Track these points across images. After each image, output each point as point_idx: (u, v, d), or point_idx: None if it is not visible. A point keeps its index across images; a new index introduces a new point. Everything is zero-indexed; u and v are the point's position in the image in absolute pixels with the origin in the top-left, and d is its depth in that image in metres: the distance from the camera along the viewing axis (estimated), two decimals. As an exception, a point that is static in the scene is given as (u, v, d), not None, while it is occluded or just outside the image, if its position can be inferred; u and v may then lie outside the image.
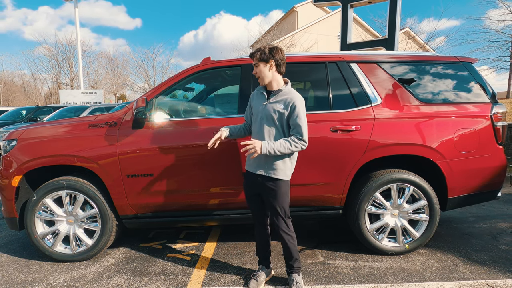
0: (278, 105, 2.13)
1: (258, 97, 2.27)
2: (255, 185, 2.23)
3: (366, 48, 8.42)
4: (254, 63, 2.18)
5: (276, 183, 2.16)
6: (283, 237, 2.25)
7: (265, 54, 2.13)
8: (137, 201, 2.71)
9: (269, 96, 2.21)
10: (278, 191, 2.17)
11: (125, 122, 2.71)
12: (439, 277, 2.44)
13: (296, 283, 2.27)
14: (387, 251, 2.77)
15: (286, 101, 2.11)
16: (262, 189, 2.20)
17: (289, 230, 2.25)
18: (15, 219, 2.76)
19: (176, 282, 2.43)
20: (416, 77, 2.87)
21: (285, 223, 2.23)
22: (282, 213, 2.21)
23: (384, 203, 2.73)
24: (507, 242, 3.06)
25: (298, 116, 2.09)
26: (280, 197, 2.18)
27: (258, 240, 2.42)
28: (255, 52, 2.17)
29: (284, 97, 2.14)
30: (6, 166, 2.71)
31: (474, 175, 2.81)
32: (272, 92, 2.20)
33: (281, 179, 2.17)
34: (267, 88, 2.23)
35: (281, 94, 2.16)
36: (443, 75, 2.90)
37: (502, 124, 2.83)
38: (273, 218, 2.24)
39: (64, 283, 2.45)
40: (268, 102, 2.18)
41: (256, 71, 2.18)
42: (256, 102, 2.27)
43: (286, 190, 2.21)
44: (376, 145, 2.65)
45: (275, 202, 2.18)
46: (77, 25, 17.40)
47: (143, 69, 30.75)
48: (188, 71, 2.85)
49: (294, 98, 2.11)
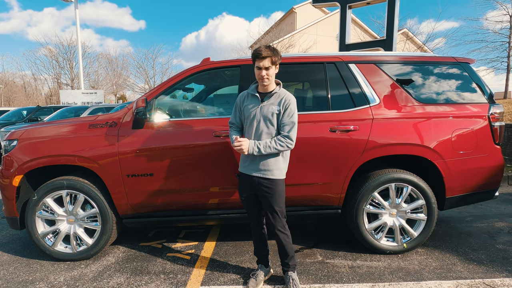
0: (274, 107, 2.15)
1: (250, 99, 2.24)
2: (251, 185, 2.24)
3: (364, 49, 8.46)
4: (266, 66, 2.08)
5: (272, 182, 2.17)
6: (278, 236, 2.26)
7: (278, 57, 2.11)
8: (137, 200, 2.72)
9: (263, 98, 2.19)
10: (275, 190, 2.18)
11: (125, 122, 2.73)
12: (437, 276, 2.45)
13: (293, 281, 2.28)
14: (385, 250, 2.79)
15: (281, 102, 2.14)
16: (259, 189, 2.21)
17: (284, 229, 2.27)
18: (16, 219, 2.77)
19: (176, 281, 2.45)
20: (414, 77, 2.89)
21: (281, 222, 2.25)
22: (279, 212, 2.22)
23: (382, 202, 2.75)
24: (504, 242, 3.08)
25: (293, 115, 2.13)
26: (277, 196, 2.19)
27: (255, 240, 2.44)
28: (271, 56, 2.07)
29: (279, 98, 2.16)
30: (7, 165, 2.73)
31: (472, 175, 2.83)
32: (267, 94, 2.19)
33: (277, 179, 2.18)
34: (262, 90, 2.21)
35: (276, 96, 2.18)
36: (441, 76, 2.92)
37: (499, 124, 2.85)
38: (269, 217, 2.25)
39: (64, 282, 2.46)
40: (263, 104, 2.17)
41: (268, 74, 2.10)
42: (248, 104, 2.23)
43: (282, 189, 2.23)
44: (374, 145, 2.67)
45: (273, 201, 2.20)
46: (78, 26, 17.42)
47: (143, 69, 30.82)
48: (187, 71, 2.87)
49: (289, 98, 2.15)
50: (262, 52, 2.06)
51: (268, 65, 2.08)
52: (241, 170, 2.30)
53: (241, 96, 2.32)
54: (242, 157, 2.29)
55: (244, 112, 2.26)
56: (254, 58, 2.13)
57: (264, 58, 2.07)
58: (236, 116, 2.34)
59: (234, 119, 2.36)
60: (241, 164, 2.31)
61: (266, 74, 2.10)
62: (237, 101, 2.34)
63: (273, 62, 2.10)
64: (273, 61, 2.09)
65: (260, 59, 2.08)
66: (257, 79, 2.19)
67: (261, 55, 2.06)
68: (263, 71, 2.09)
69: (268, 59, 2.07)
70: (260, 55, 2.07)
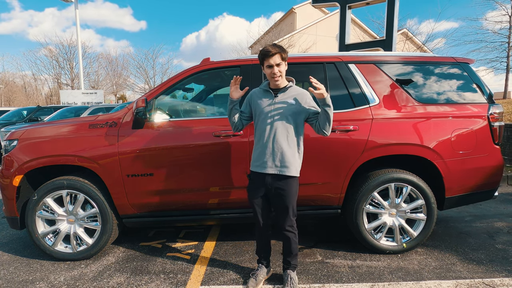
0: (290, 101, 2.17)
1: (262, 95, 2.24)
2: (263, 185, 2.20)
3: (364, 49, 8.47)
4: (277, 62, 2.11)
5: (288, 182, 2.15)
6: (287, 235, 2.25)
7: (286, 54, 2.16)
8: (137, 200, 2.73)
9: (276, 93, 2.20)
10: (290, 190, 2.16)
11: (125, 123, 2.73)
12: (436, 276, 2.46)
13: (291, 280, 2.28)
14: (385, 250, 2.80)
15: (297, 96, 2.18)
16: (272, 188, 2.18)
17: (293, 228, 2.26)
18: (16, 218, 2.78)
19: (176, 280, 2.46)
20: (413, 77, 2.89)
21: (291, 221, 2.24)
22: (291, 212, 2.21)
23: (382, 202, 2.76)
24: (503, 241, 3.08)
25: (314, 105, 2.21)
26: (292, 196, 2.18)
27: (259, 239, 2.41)
28: (279, 52, 2.10)
29: (295, 93, 2.19)
30: (7, 165, 2.73)
31: (471, 175, 2.83)
32: (280, 89, 2.20)
33: (293, 176, 2.16)
34: (274, 87, 2.22)
35: (290, 91, 2.20)
36: (440, 76, 2.93)
37: (499, 124, 2.86)
38: (279, 217, 2.23)
39: (64, 282, 2.47)
40: (277, 100, 2.18)
41: (280, 70, 2.13)
42: (260, 101, 2.23)
43: (297, 189, 2.22)
44: (374, 145, 2.68)
45: (286, 200, 2.17)
46: (78, 26, 17.44)
47: (143, 69, 30.85)
48: (187, 71, 2.88)
49: (304, 92, 2.21)
50: (271, 50, 2.09)
51: (279, 61, 2.11)
52: (253, 169, 2.24)
53: (252, 92, 2.32)
54: (254, 155, 2.24)
55: (256, 108, 2.25)
56: (263, 58, 2.14)
57: (274, 55, 2.09)
58: (246, 108, 2.34)
59: (245, 108, 2.36)
60: (253, 162, 2.25)
61: (278, 70, 2.12)
62: (248, 97, 2.34)
63: (282, 58, 2.12)
64: (282, 57, 2.12)
65: (269, 57, 2.10)
66: (268, 78, 2.21)
67: (270, 53, 2.09)
68: (274, 68, 2.11)
69: (278, 55, 2.10)
70: (269, 52, 2.09)
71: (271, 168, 2.16)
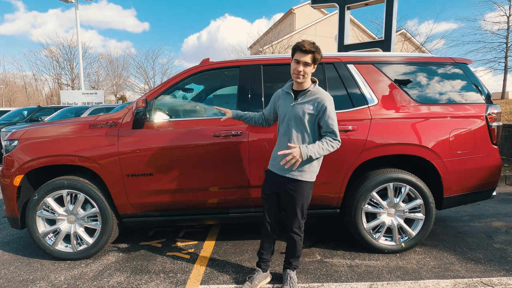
0: (307, 106, 2.07)
1: (284, 97, 2.20)
2: (276, 183, 2.20)
3: (363, 50, 8.49)
4: (307, 61, 1.98)
5: (300, 184, 2.13)
6: (293, 237, 2.24)
7: (320, 57, 2.02)
8: (137, 200, 2.74)
9: (296, 96, 2.14)
10: (301, 193, 2.15)
11: (125, 123, 2.74)
12: (435, 275, 2.47)
13: (290, 279, 2.28)
14: (383, 249, 2.81)
15: (315, 102, 2.06)
16: (284, 189, 2.17)
17: (300, 230, 2.25)
18: (16, 218, 2.79)
19: (176, 280, 2.47)
20: (412, 78, 2.91)
21: (300, 223, 2.23)
22: (300, 214, 2.20)
23: (380, 202, 2.77)
24: (501, 241, 3.09)
25: (330, 117, 2.04)
26: (302, 198, 2.16)
27: (264, 238, 2.36)
28: (314, 52, 1.97)
29: (313, 97, 2.08)
30: (8, 165, 2.74)
31: (470, 175, 2.85)
32: (300, 92, 2.13)
33: (306, 181, 2.14)
34: (296, 88, 2.16)
35: (310, 94, 2.10)
36: (439, 76, 2.94)
37: (497, 124, 2.87)
38: (287, 217, 2.23)
39: (65, 281, 2.48)
40: (296, 103, 2.11)
41: (305, 71, 2.01)
42: (282, 102, 2.20)
43: (309, 192, 2.20)
44: (373, 145, 2.69)
45: (296, 203, 2.16)
46: (78, 26, 17.47)
47: (143, 70, 30.88)
48: (187, 72, 2.89)
49: (324, 98, 2.05)
50: (306, 45, 1.96)
51: (309, 61, 1.99)
52: (270, 168, 2.26)
53: (276, 93, 2.31)
54: (273, 154, 2.26)
55: (279, 110, 2.24)
56: (295, 50, 2.01)
57: (307, 53, 1.97)
58: (270, 109, 2.37)
59: (267, 110, 2.39)
60: (271, 161, 2.27)
61: (303, 70, 2.01)
62: (272, 98, 2.36)
63: (314, 60, 2.00)
64: (314, 58, 2.00)
65: (301, 52, 1.98)
66: (291, 74, 2.09)
67: (304, 48, 1.96)
68: (300, 66, 2.00)
69: (310, 55, 1.97)
70: (303, 47, 1.96)
71: (284, 171, 2.14)
